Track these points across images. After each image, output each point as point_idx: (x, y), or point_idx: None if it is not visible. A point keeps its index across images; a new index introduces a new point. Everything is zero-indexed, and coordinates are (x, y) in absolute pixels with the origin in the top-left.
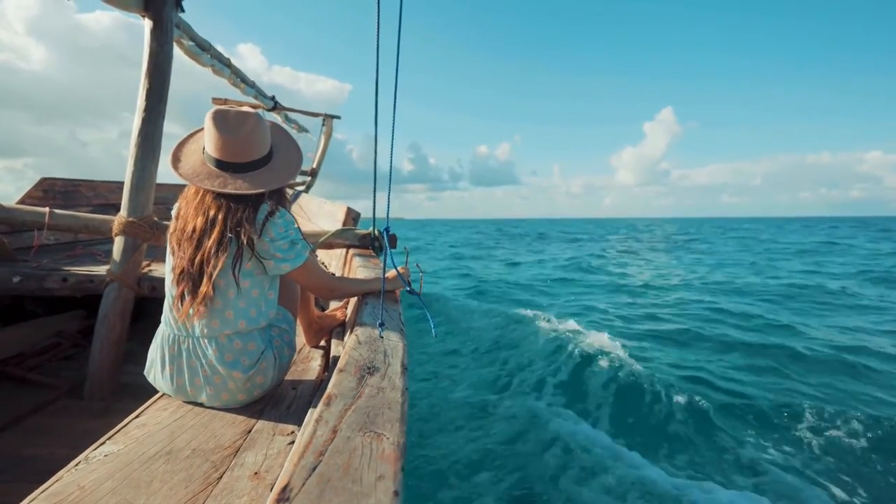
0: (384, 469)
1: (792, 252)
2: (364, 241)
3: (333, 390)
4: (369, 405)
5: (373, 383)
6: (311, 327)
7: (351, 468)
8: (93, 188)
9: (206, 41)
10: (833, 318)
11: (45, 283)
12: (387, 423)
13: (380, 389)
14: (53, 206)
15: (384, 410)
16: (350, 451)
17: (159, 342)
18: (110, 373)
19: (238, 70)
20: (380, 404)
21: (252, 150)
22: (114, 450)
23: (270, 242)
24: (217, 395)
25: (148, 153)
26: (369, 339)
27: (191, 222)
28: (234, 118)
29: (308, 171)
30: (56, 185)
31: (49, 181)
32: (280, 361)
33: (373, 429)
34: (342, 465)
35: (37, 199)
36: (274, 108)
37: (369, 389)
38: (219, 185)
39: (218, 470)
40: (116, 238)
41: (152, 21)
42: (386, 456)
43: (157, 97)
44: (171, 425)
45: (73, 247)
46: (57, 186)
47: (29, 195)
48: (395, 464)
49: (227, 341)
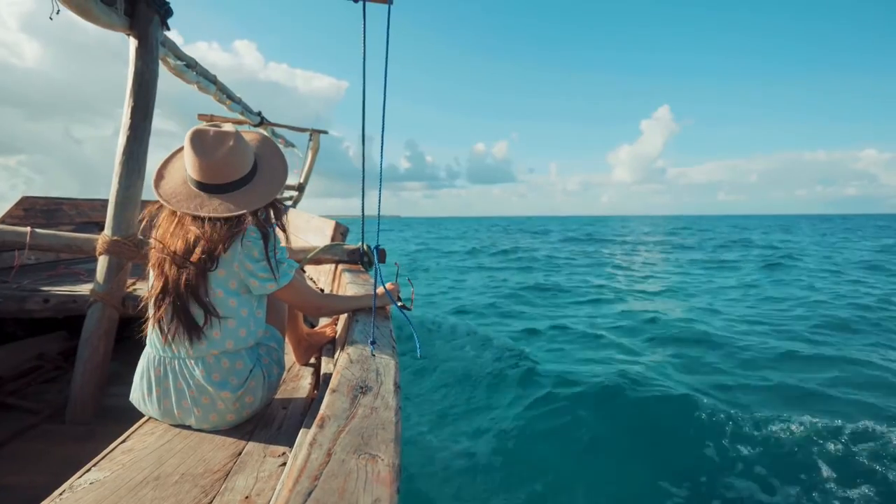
0: (380, 492)
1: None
2: (353, 257)
3: (326, 411)
4: (363, 426)
5: (366, 403)
6: (300, 345)
7: (346, 492)
8: (75, 206)
9: (191, 58)
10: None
11: (25, 304)
12: (381, 444)
13: (373, 409)
14: (35, 225)
15: (378, 431)
16: (345, 474)
17: (145, 365)
18: (93, 395)
19: (224, 86)
20: (374, 425)
21: (231, 171)
22: (99, 477)
23: (254, 263)
24: (205, 417)
25: (133, 171)
26: (361, 358)
27: (171, 244)
28: (212, 139)
29: (295, 186)
30: (38, 204)
31: (30, 200)
32: (269, 380)
33: (367, 450)
34: (338, 490)
35: (17, 219)
36: (260, 123)
37: (363, 410)
38: (194, 207)
39: (208, 495)
40: (100, 257)
41: (137, 39)
42: (381, 478)
43: (142, 115)
44: (158, 450)
45: (56, 266)
46: (38, 205)
47: (9, 214)
48: (391, 486)
49: (215, 361)
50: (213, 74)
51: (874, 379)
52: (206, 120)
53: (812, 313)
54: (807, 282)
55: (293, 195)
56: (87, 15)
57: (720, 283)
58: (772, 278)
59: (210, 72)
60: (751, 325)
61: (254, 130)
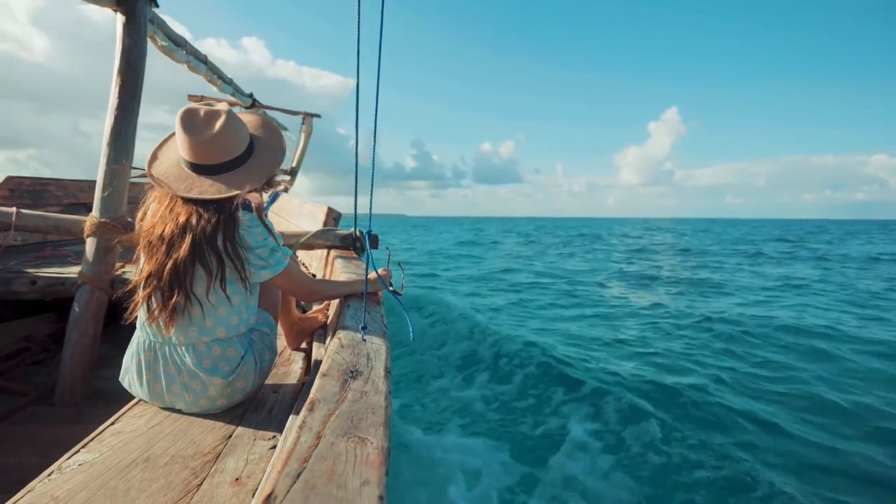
0: (369, 474)
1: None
2: (345, 242)
3: (316, 395)
4: (353, 410)
5: (356, 387)
6: (292, 330)
7: (335, 474)
8: (63, 187)
9: (181, 37)
10: None
11: (12, 286)
12: (370, 427)
13: (363, 394)
14: (21, 205)
15: (368, 415)
16: (334, 456)
17: (135, 348)
18: (83, 378)
19: (215, 66)
20: (363, 409)
21: (223, 151)
22: (88, 458)
23: (249, 251)
24: (196, 402)
25: (121, 151)
26: (352, 343)
27: (159, 227)
28: (203, 118)
29: (287, 171)
30: (24, 184)
31: (16, 180)
32: (261, 365)
33: (357, 434)
34: (326, 471)
35: (3, 199)
36: (252, 105)
37: (352, 394)
38: (185, 188)
39: (198, 476)
40: (88, 239)
41: (125, 16)
42: (370, 461)
43: (130, 94)
44: (148, 432)
45: (43, 248)
46: (25, 185)
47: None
48: (380, 468)
49: (206, 348)
50: (204, 54)
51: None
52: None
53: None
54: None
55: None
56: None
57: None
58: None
59: (200, 51)
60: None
61: (249, 112)
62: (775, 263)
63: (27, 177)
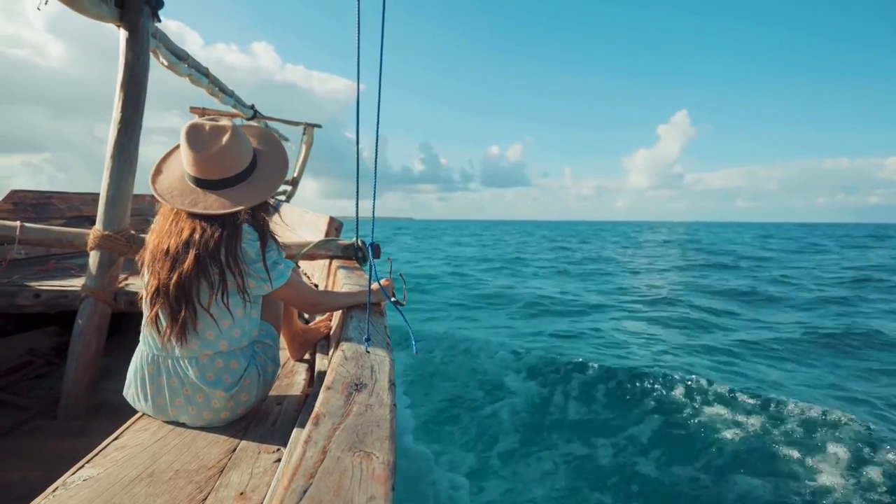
0: (375, 489)
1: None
2: (347, 252)
3: (321, 409)
4: (358, 423)
5: (361, 400)
6: (294, 341)
7: (342, 490)
8: (66, 200)
9: (183, 51)
10: None
11: (16, 299)
12: (376, 441)
13: (368, 407)
14: (24, 219)
15: (373, 429)
16: (340, 472)
17: (138, 361)
18: (86, 391)
19: (216, 79)
20: (368, 422)
21: (227, 166)
22: (93, 473)
23: (250, 264)
24: (199, 415)
25: (124, 165)
26: (356, 355)
27: (165, 242)
28: (208, 133)
29: (289, 181)
30: (27, 198)
31: (20, 193)
32: (264, 377)
33: (362, 448)
34: (333, 488)
35: (7, 213)
36: (254, 116)
37: (357, 407)
38: (189, 203)
39: (202, 491)
40: (92, 252)
41: (128, 31)
42: (376, 476)
43: (133, 108)
44: (152, 446)
45: (46, 261)
46: (28, 199)
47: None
48: (386, 483)
49: (209, 361)
50: (206, 67)
51: None
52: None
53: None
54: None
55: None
56: (75, 5)
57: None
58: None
59: (202, 65)
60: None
61: (250, 124)
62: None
63: (31, 190)
